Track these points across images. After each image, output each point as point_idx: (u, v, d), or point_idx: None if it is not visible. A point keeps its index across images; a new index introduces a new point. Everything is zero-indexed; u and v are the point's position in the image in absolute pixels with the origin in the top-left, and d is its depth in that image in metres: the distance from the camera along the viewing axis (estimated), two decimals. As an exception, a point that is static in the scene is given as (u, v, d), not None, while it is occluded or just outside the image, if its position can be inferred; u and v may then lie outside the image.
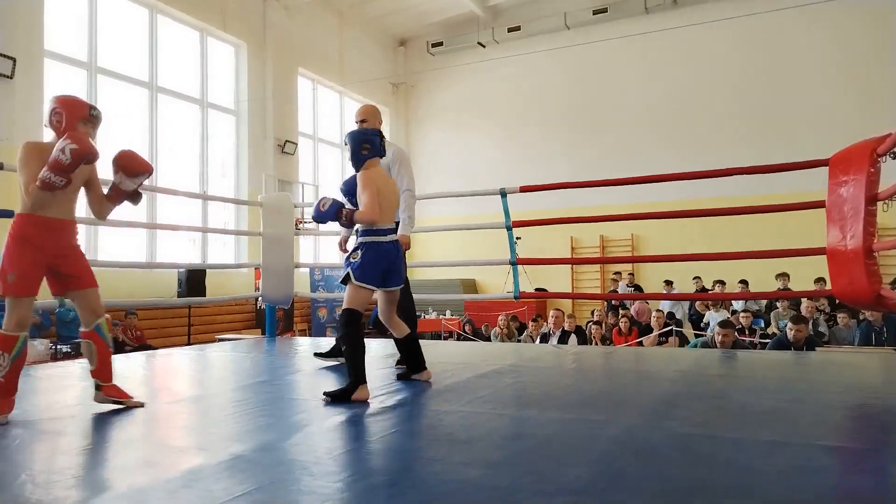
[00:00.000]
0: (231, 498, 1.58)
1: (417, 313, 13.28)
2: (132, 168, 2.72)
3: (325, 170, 13.57)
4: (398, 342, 3.26)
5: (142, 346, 7.80)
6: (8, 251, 2.44)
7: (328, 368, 4.01)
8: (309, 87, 13.13)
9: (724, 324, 5.54)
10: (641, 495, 1.59)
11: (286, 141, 11.65)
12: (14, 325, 2.45)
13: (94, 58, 8.75)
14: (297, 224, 10.51)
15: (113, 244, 8.74)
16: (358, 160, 3.13)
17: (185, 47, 10.39)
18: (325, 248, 13.21)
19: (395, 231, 3.08)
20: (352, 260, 2.94)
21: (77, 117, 2.56)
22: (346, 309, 2.92)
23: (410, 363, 3.29)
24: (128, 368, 4.06)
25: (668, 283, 11.17)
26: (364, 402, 2.73)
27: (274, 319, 5.92)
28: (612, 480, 1.71)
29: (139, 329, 8.20)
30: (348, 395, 2.77)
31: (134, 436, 2.27)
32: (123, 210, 3.17)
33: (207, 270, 9.08)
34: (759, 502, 1.53)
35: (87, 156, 2.43)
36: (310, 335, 10.92)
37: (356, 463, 1.88)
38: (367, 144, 3.12)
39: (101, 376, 2.67)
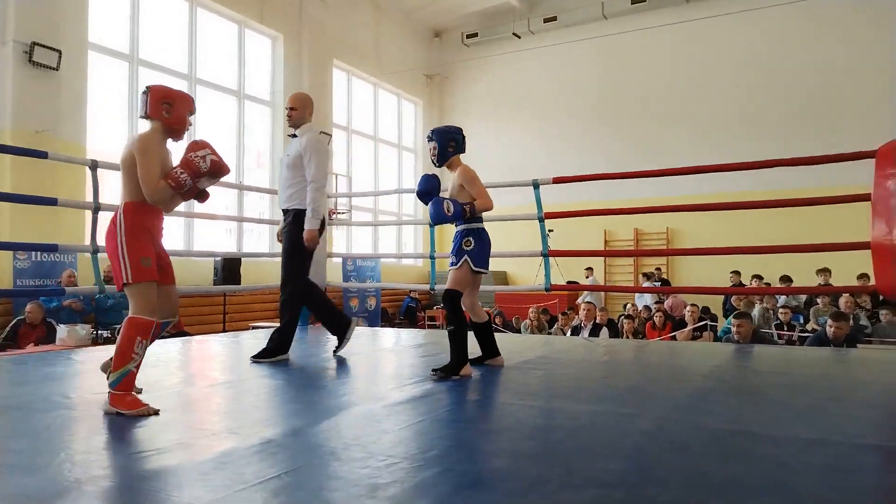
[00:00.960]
0: (261, 481, 1.61)
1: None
2: (219, 171, 2.60)
3: (358, 161, 13.65)
4: (476, 327, 3.45)
5: (179, 332, 7.98)
6: (131, 239, 2.41)
7: (356, 355, 4.05)
8: (344, 78, 13.20)
9: (738, 315, 5.40)
10: (672, 490, 1.57)
11: (321, 132, 11.74)
12: (151, 310, 2.44)
13: (135, 50, 8.93)
14: (330, 214, 10.62)
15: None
16: (444, 157, 3.34)
17: (223, 39, 10.54)
18: (358, 239, 13.32)
19: None
20: (465, 247, 3.23)
21: (186, 109, 2.62)
22: (452, 290, 3.19)
23: (486, 349, 3.49)
24: (165, 354, 4.16)
25: (648, 275, 11.21)
26: (466, 377, 3.07)
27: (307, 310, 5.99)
28: (642, 474, 1.69)
29: (177, 316, 8.38)
30: (456, 371, 3.08)
31: (169, 419, 2.33)
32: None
33: (242, 259, 9.24)
34: (794, 500, 1.49)
35: (223, 171, 2.55)
36: (342, 325, 11.03)
37: (384, 450, 1.90)
38: (453, 142, 3.34)
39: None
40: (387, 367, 3.87)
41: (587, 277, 12.18)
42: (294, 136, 3.83)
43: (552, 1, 14.03)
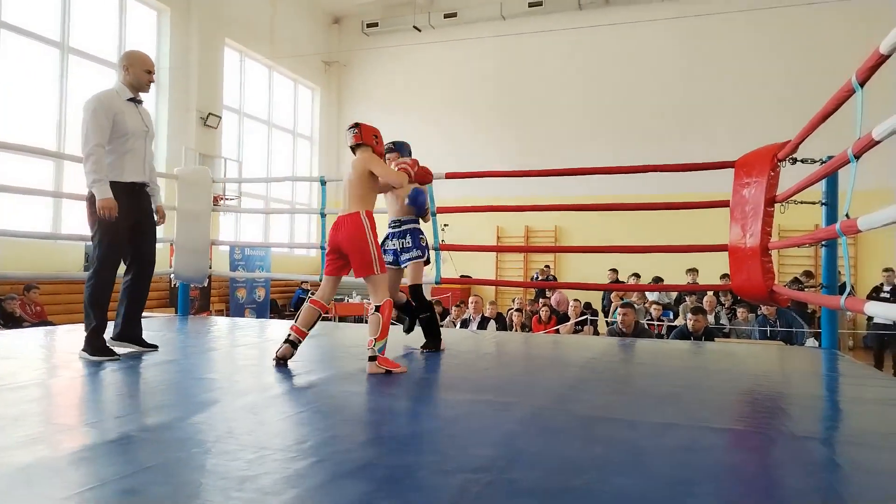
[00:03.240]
0: (120, 477, 1.53)
1: (340, 297, 13.09)
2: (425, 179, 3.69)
3: (250, 145, 13.16)
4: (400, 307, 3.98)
5: (42, 322, 7.36)
6: (376, 239, 3.21)
7: (243, 346, 3.93)
8: (236, 58, 12.67)
9: (624, 304, 5.80)
10: (538, 472, 1.65)
11: (209, 114, 11.20)
12: (391, 292, 3.56)
13: (-3, 11, 8.11)
14: (216, 200, 10.15)
15: (14, 214, 8.18)
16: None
17: (102, 7, 9.79)
18: (247, 227, 12.84)
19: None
20: (423, 244, 3.80)
21: (382, 142, 3.51)
22: (418, 284, 3.77)
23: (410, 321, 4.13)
24: (22, 344, 3.84)
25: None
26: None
27: (187, 298, 5.73)
28: (511, 460, 1.76)
29: (39, 304, 7.73)
30: (438, 346, 3.79)
31: (23, 412, 2.15)
32: (27, 177, 3.00)
33: (119, 244, 8.66)
34: (647, 477, 1.62)
35: (427, 179, 3.75)
36: (228, 315, 10.62)
37: (258, 441, 1.86)
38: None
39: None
40: (271, 359, 3.77)
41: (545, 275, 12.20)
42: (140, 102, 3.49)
43: (453, -3, 14.20)
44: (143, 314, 3.75)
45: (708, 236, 4.79)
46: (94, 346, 3.26)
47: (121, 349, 3.42)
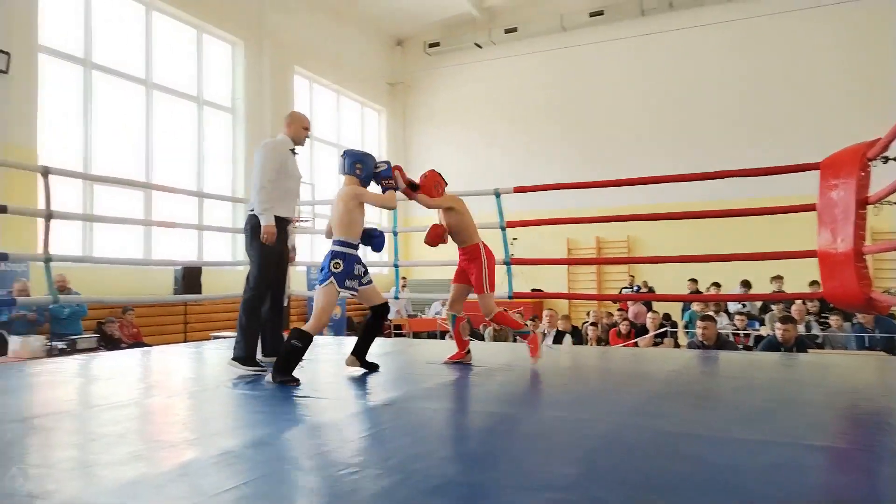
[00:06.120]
0: (220, 492, 1.60)
1: (414, 312, 13.26)
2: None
3: (319, 168, 13.57)
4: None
5: (137, 343, 7.80)
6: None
7: (316, 363, 4.03)
8: (306, 85, 13.13)
9: (703, 318, 5.58)
10: (624, 492, 1.61)
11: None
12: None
13: (89, 53, 8.73)
14: (293, 222, 10.51)
15: (110, 241, 8.74)
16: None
17: (182, 44, 10.38)
18: (321, 248, 13.22)
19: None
20: (332, 266, 3.39)
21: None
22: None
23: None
24: (122, 365, 4.08)
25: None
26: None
27: (268, 317, 5.91)
28: (596, 478, 1.73)
29: (135, 326, 8.19)
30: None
31: (127, 431, 2.29)
32: (120, 207, 3.23)
33: (203, 268, 9.08)
34: (741, 499, 1.55)
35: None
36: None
37: (345, 459, 1.90)
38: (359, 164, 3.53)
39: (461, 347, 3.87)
40: (350, 376, 3.85)
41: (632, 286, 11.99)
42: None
43: (512, 12, 14.22)
44: (228, 334, 3.96)
45: (789, 242, 4.55)
46: (244, 360, 3.66)
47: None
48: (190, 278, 8.65)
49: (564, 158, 13.54)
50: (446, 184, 3.98)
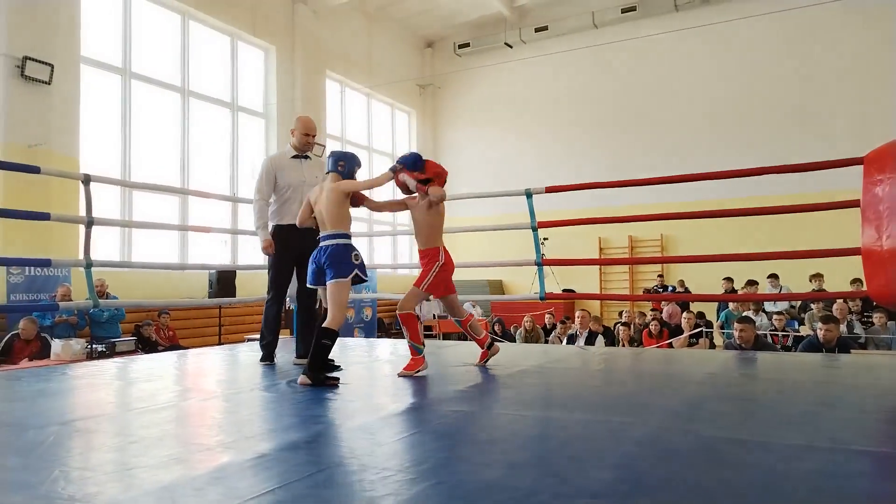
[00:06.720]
0: (256, 495, 1.61)
1: (444, 314, 13.31)
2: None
3: (352, 171, 13.69)
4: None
5: (173, 345, 7.96)
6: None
7: (355, 364, 4.05)
8: (337, 89, 13.25)
9: (741, 319, 5.43)
10: (663, 499, 1.58)
11: (315, 143, 11.74)
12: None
13: (128, 63, 8.96)
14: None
15: (146, 246, 8.94)
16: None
17: (216, 52, 10.58)
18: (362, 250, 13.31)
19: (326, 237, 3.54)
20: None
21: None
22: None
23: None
24: (159, 367, 4.16)
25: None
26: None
27: (301, 320, 5.98)
28: (634, 484, 1.70)
29: (171, 329, 8.36)
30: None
31: (164, 433, 2.33)
32: (157, 213, 3.33)
33: (237, 271, 9.23)
34: (785, 507, 1.51)
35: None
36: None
37: (378, 462, 1.90)
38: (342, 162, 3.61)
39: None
40: (382, 378, 3.87)
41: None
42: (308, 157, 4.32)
43: (543, 11, 14.14)
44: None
45: (828, 238, 4.42)
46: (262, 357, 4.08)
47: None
48: (224, 282, 8.80)
49: (597, 157, 13.40)
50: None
